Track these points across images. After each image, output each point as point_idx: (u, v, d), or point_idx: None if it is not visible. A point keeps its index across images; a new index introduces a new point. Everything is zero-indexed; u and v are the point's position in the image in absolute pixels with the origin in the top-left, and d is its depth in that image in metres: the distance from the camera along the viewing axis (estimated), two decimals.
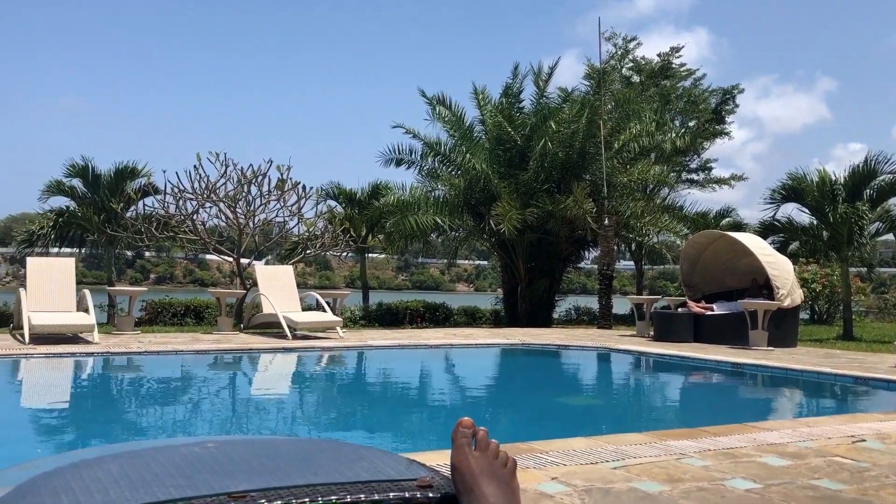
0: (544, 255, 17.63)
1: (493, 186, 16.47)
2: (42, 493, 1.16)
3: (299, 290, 12.33)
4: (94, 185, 17.52)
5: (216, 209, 14.01)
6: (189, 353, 9.08)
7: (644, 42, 28.38)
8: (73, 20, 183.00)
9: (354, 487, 1.18)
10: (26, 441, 5.24)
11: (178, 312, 13.78)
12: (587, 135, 16.82)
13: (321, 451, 1.36)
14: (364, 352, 10.40)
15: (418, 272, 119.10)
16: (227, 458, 1.30)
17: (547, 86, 18.49)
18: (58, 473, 1.24)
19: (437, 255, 26.26)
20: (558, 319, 18.68)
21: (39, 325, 9.16)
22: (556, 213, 15.88)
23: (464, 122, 18.08)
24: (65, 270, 10.54)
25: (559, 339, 12.06)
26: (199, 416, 6.38)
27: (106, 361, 8.70)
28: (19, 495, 1.18)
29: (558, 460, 3.75)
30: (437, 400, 7.82)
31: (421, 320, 15.79)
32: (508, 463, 1.33)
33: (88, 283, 19.03)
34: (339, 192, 20.55)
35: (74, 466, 1.28)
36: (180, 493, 1.13)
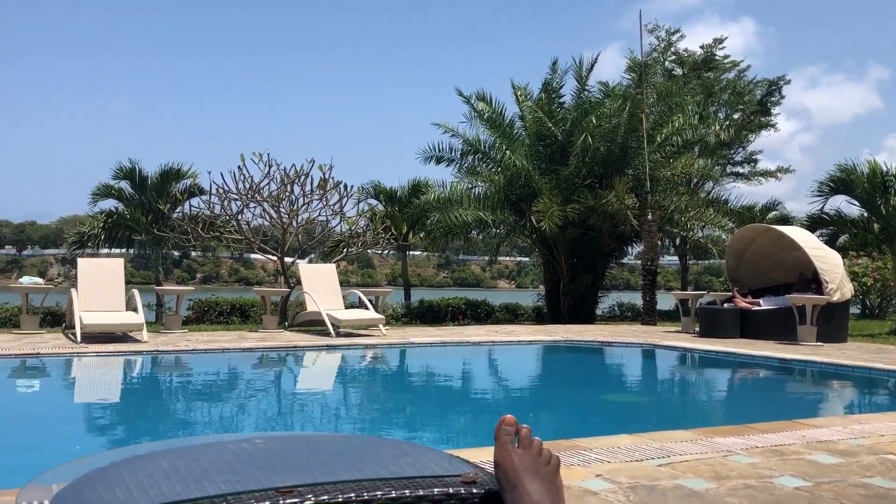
0: (586, 250, 17.50)
1: (533, 182, 16.40)
2: (97, 488, 1.19)
3: (342, 288, 12.43)
4: (141, 187, 17.89)
5: (260, 209, 14.21)
6: (235, 351, 9.22)
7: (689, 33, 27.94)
8: (122, 26, 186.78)
9: (399, 483, 1.19)
10: (79, 437, 5.38)
11: (224, 311, 13.99)
12: (629, 129, 16.65)
13: (366, 447, 1.38)
14: (406, 349, 10.45)
15: (459, 269, 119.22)
16: (274, 454, 1.33)
17: (587, 80, 18.36)
18: (112, 468, 1.28)
19: (478, 253, 26.26)
20: (601, 316, 18.53)
21: (90, 325, 9.39)
22: (598, 209, 15.74)
23: (503, 118, 18.03)
24: (114, 271, 10.78)
25: (602, 335, 11.96)
26: (246, 412, 6.48)
27: (154, 360, 8.88)
28: (76, 489, 1.21)
29: (603, 457, 3.72)
30: (480, 397, 7.82)
31: (462, 317, 15.80)
32: (552, 460, 1.33)
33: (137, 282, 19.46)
34: (379, 191, 20.67)
35: (127, 462, 1.31)
36: (229, 488, 1.15)
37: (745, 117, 23.01)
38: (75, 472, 1.29)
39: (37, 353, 8.36)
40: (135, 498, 1.14)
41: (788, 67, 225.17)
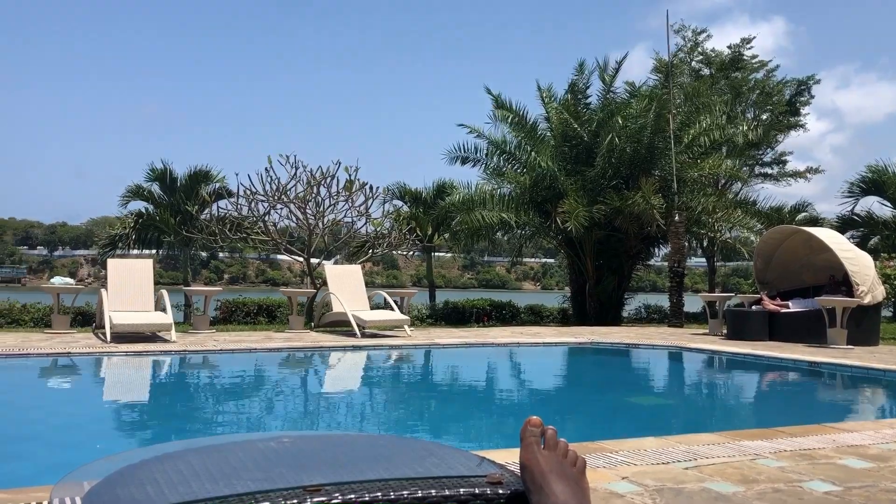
0: (613, 252, 17.40)
1: (559, 183, 16.35)
2: (129, 485, 1.21)
3: (367, 289, 12.48)
4: (171, 189, 18.12)
5: (287, 210, 14.32)
6: (262, 351, 9.30)
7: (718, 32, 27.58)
8: (153, 30, 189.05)
9: (425, 483, 1.20)
10: (109, 436, 5.45)
11: (251, 311, 14.10)
12: (655, 129, 16.54)
13: (392, 447, 1.39)
14: (431, 350, 10.46)
15: (484, 270, 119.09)
16: (302, 453, 1.34)
17: (614, 81, 18.28)
18: (143, 466, 1.30)
19: (503, 254, 26.22)
20: (628, 318, 18.41)
21: (120, 325, 9.51)
22: (625, 210, 15.65)
23: (527, 120, 18.00)
24: (143, 271, 10.91)
25: (629, 337, 11.89)
26: (273, 412, 6.53)
27: (183, 359, 8.98)
28: (108, 486, 1.23)
29: (629, 460, 3.71)
30: (505, 398, 7.81)
31: (487, 319, 15.79)
32: (578, 462, 1.33)
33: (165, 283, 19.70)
34: (404, 192, 20.73)
35: (158, 459, 1.33)
36: (258, 487, 1.17)
37: (773, 117, 22.75)
38: (107, 470, 1.31)
39: (68, 352, 8.48)
40: (165, 495, 1.15)
41: (819, 66, 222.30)
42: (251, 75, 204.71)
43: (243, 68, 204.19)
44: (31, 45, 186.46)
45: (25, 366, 8.02)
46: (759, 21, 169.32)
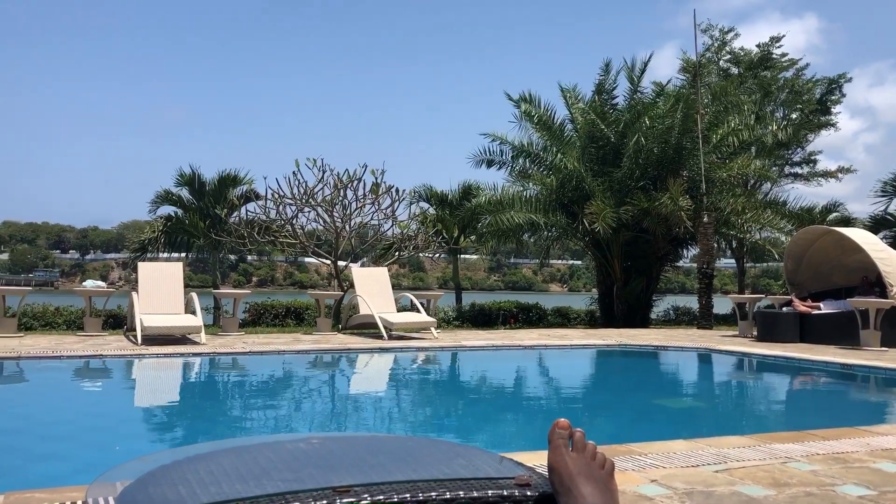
0: (640, 253, 17.29)
1: (585, 185, 16.28)
2: (161, 484, 1.23)
3: (394, 292, 12.52)
4: (199, 193, 18.31)
5: (314, 213, 14.42)
6: (291, 353, 9.36)
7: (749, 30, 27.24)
8: (182, 36, 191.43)
9: (453, 484, 1.20)
10: (141, 436, 5.52)
11: (279, 314, 14.21)
12: (683, 129, 16.41)
13: (420, 448, 1.40)
14: (458, 352, 10.46)
15: (511, 272, 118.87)
16: (331, 454, 1.35)
17: (641, 81, 18.17)
18: (174, 466, 1.32)
19: (530, 256, 26.14)
20: (656, 320, 18.27)
21: (151, 327, 9.63)
22: (652, 211, 15.54)
23: (553, 121, 17.94)
24: (173, 274, 11.04)
25: (657, 339, 11.80)
26: (301, 413, 6.57)
27: (213, 361, 9.06)
28: (141, 486, 1.25)
29: (658, 462, 3.68)
30: (533, 401, 7.79)
31: (514, 321, 15.75)
32: (606, 464, 1.33)
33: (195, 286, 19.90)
34: (430, 195, 20.75)
35: (189, 460, 1.35)
36: (287, 487, 1.18)
37: (803, 117, 22.45)
38: (139, 470, 1.33)
39: (100, 354, 8.61)
40: (197, 495, 1.17)
41: (853, 64, 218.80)
42: (277, 79, 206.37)
43: (270, 72, 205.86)
44: (59, 52, 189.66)
45: (59, 367, 8.15)
46: (792, 18, 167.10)
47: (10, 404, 6.66)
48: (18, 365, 8.17)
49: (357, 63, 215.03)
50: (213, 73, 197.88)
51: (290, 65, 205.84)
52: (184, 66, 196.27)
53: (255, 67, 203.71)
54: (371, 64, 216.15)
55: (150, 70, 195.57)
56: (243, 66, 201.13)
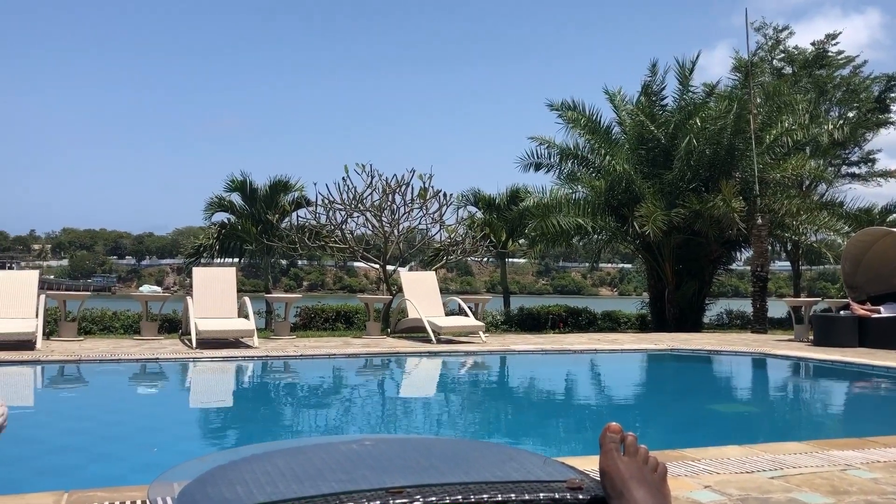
0: (692, 256, 17.02)
1: (635, 187, 16.10)
2: (219, 484, 1.26)
3: (442, 296, 12.55)
4: (251, 199, 18.62)
5: (363, 218, 14.53)
6: (341, 357, 9.46)
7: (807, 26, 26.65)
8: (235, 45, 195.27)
9: (505, 487, 1.21)
10: (196, 438, 5.64)
11: (329, 318, 14.35)
12: (735, 130, 16.11)
13: (472, 451, 1.40)
14: (507, 356, 10.44)
15: (559, 276, 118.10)
16: (384, 456, 1.37)
17: (690, 81, 17.90)
18: (232, 467, 1.35)
19: (579, 259, 25.95)
20: (709, 324, 17.96)
21: (205, 331, 9.83)
22: (704, 213, 15.29)
23: (599, 124, 17.79)
24: (227, 279, 11.25)
25: (710, 343, 11.61)
26: (352, 416, 6.63)
27: (265, 364, 9.21)
28: (200, 486, 1.29)
29: (711, 468, 3.62)
30: (583, 405, 7.73)
31: (563, 325, 15.65)
32: (659, 468, 1.32)
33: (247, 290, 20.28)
34: (478, 198, 20.74)
35: (245, 460, 1.38)
36: (341, 488, 1.20)
37: (861, 115, 21.84)
38: (197, 470, 1.36)
39: (156, 357, 8.81)
40: (254, 495, 1.20)
41: None
42: (327, 87, 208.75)
43: (319, 80, 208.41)
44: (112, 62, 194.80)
45: (117, 371, 8.37)
46: (852, 13, 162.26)
47: (70, 406, 6.87)
48: (78, 368, 8.42)
49: (405, 69, 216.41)
50: (264, 82, 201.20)
51: (339, 72, 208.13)
52: (237, 75, 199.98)
53: (305, 76, 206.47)
54: (419, 69, 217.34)
55: (204, 79, 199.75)
56: (293, 75, 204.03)
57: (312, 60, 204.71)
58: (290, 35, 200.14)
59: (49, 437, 5.16)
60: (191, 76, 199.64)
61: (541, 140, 18.07)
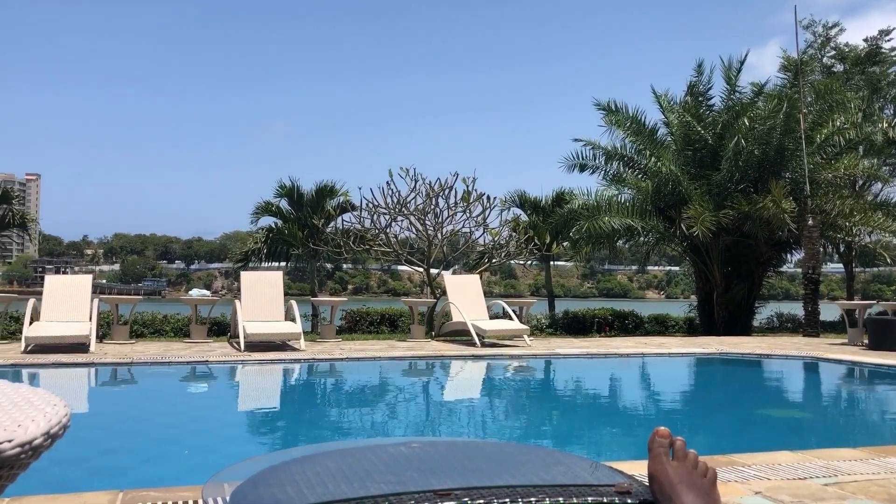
0: (741, 258, 16.73)
1: (683, 188, 15.89)
2: (271, 484, 1.28)
3: (486, 299, 12.53)
4: (298, 204, 18.88)
5: (407, 222, 14.62)
6: (386, 360, 9.51)
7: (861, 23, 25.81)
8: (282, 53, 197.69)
9: (553, 490, 1.21)
10: (245, 439, 5.72)
11: (374, 321, 14.44)
12: (785, 130, 15.81)
13: (519, 454, 1.40)
14: (552, 360, 10.38)
15: (605, 279, 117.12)
16: (431, 458, 1.38)
17: (738, 80, 17.62)
18: (283, 468, 1.37)
19: (625, 262, 25.71)
20: (759, 327, 17.63)
21: (253, 334, 9.98)
22: (753, 215, 15.03)
23: (644, 125, 17.60)
24: (274, 283, 11.39)
25: (760, 347, 11.39)
26: (398, 418, 6.66)
27: (311, 367, 9.31)
28: (252, 486, 1.31)
29: (762, 474, 3.56)
30: (630, 409, 7.65)
31: (609, 329, 15.50)
32: (708, 473, 1.31)
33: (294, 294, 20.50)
34: (523, 201, 20.69)
35: (296, 462, 1.40)
36: (390, 489, 1.21)
37: None
38: (248, 472, 1.39)
39: (205, 360, 8.97)
40: (304, 495, 1.22)
41: None
42: (372, 92, 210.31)
43: (364, 85, 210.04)
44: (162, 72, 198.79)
45: (167, 373, 8.54)
46: None
47: (123, 408, 7.03)
48: (130, 370, 8.61)
49: (448, 73, 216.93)
50: (312, 88, 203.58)
51: (383, 77, 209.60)
52: (285, 81, 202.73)
53: (351, 81, 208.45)
54: (462, 74, 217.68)
55: (252, 85, 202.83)
56: (340, 81, 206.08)
57: (358, 66, 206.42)
58: (336, 41, 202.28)
59: (103, 438, 5.28)
60: (239, 82, 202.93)
61: (585, 142, 17.96)
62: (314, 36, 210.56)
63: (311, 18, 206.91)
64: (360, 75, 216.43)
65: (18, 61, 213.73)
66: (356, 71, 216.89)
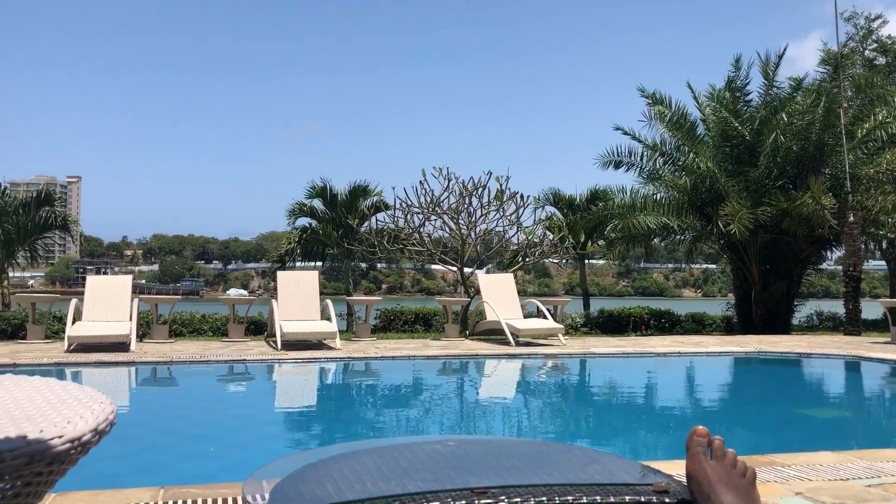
0: (780, 256, 16.47)
1: (720, 185, 15.69)
2: (310, 481, 1.30)
3: (520, 298, 12.51)
4: (332, 204, 19.01)
5: (440, 221, 14.63)
6: (420, 359, 9.54)
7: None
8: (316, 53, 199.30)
9: (590, 489, 1.21)
10: (282, 437, 5.79)
11: (408, 320, 14.49)
12: (825, 125, 15.52)
13: (555, 453, 1.41)
14: (587, 359, 10.33)
15: (640, 278, 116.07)
16: (467, 456, 1.38)
17: (776, 75, 17.34)
18: (321, 465, 1.39)
19: (660, 260, 25.47)
20: (798, 326, 17.34)
21: (290, 333, 10.08)
22: (792, 211, 14.78)
23: (686, 119, 17.40)
24: (310, 282, 11.49)
25: (799, 346, 11.21)
26: (433, 417, 6.68)
27: (347, 366, 9.37)
28: (292, 483, 1.33)
29: (803, 474, 3.51)
30: (666, 409, 7.58)
31: (645, 328, 15.37)
32: (747, 472, 1.30)
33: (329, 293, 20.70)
34: (557, 199, 20.58)
35: (334, 459, 1.42)
36: (427, 487, 1.22)
37: None
38: (288, 468, 1.41)
39: (243, 359, 9.08)
40: (343, 492, 1.23)
41: None
42: (404, 91, 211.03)
43: (396, 84, 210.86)
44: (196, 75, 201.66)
45: (206, 372, 8.67)
46: None
47: (163, 406, 7.15)
48: (170, 369, 8.75)
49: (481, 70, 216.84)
50: (344, 88, 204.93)
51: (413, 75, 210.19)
52: (318, 82, 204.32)
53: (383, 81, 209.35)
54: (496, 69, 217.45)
55: (285, 86, 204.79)
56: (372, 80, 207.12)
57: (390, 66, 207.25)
58: (368, 38, 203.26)
59: (144, 436, 5.38)
60: (273, 84, 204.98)
61: (625, 131, 17.71)
62: (347, 34, 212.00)
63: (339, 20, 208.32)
64: (391, 73, 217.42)
65: (61, 66, 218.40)
66: (388, 69, 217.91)
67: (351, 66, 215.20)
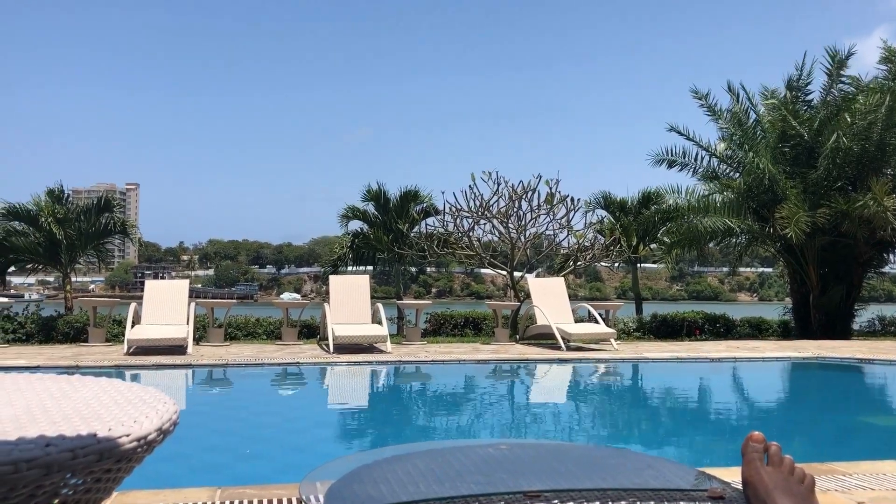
0: (839, 259, 16.03)
1: (778, 187, 15.35)
2: (365, 483, 1.33)
3: (571, 302, 12.42)
4: (384, 209, 19.18)
5: (490, 225, 14.63)
6: (470, 363, 9.54)
7: None
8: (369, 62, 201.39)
9: (644, 494, 1.20)
10: (334, 439, 5.85)
11: (458, 324, 14.51)
12: (887, 125, 15.07)
13: (609, 457, 1.40)
14: (640, 364, 10.20)
15: (694, 282, 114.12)
16: (520, 460, 1.39)
17: (840, 74, 16.87)
18: (376, 466, 1.41)
19: (715, 264, 24.99)
20: (859, 331, 16.86)
21: (341, 336, 10.18)
22: (852, 214, 14.39)
23: (747, 117, 17.06)
24: (361, 286, 11.60)
25: (860, 352, 10.90)
26: (484, 420, 6.68)
27: (398, 369, 9.43)
28: (347, 484, 1.36)
29: (865, 483, 3.41)
30: (721, 415, 7.45)
31: (700, 332, 15.11)
32: (806, 479, 1.28)
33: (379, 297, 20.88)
34: (608, 202, 20.39)
35: (388, 461, 1.44)
36: (480, 490, 1.23)
37: None
38: (342, 470, 1.44)
39: (297, 362, 9.21)
40: (397, 493, 1.25)
41: None
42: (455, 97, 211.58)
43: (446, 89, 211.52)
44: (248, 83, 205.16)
45: (260, 374, 8.81)
46: None
47: (219, 408, 7.29)
48: (225, 372, 8.92)
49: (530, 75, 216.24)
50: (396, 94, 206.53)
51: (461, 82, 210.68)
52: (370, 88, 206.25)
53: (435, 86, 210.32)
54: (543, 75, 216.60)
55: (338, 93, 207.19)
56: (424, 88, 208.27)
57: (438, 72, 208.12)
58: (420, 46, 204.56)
59: (201, 437, 5.49)
60: (326, 90, 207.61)
61: (679, 131, 17.42)
62: (399, 41, 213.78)
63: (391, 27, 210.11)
64: (442, 78, 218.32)
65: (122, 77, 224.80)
66: (438, 74, 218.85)
67: (404, 72, 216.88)
